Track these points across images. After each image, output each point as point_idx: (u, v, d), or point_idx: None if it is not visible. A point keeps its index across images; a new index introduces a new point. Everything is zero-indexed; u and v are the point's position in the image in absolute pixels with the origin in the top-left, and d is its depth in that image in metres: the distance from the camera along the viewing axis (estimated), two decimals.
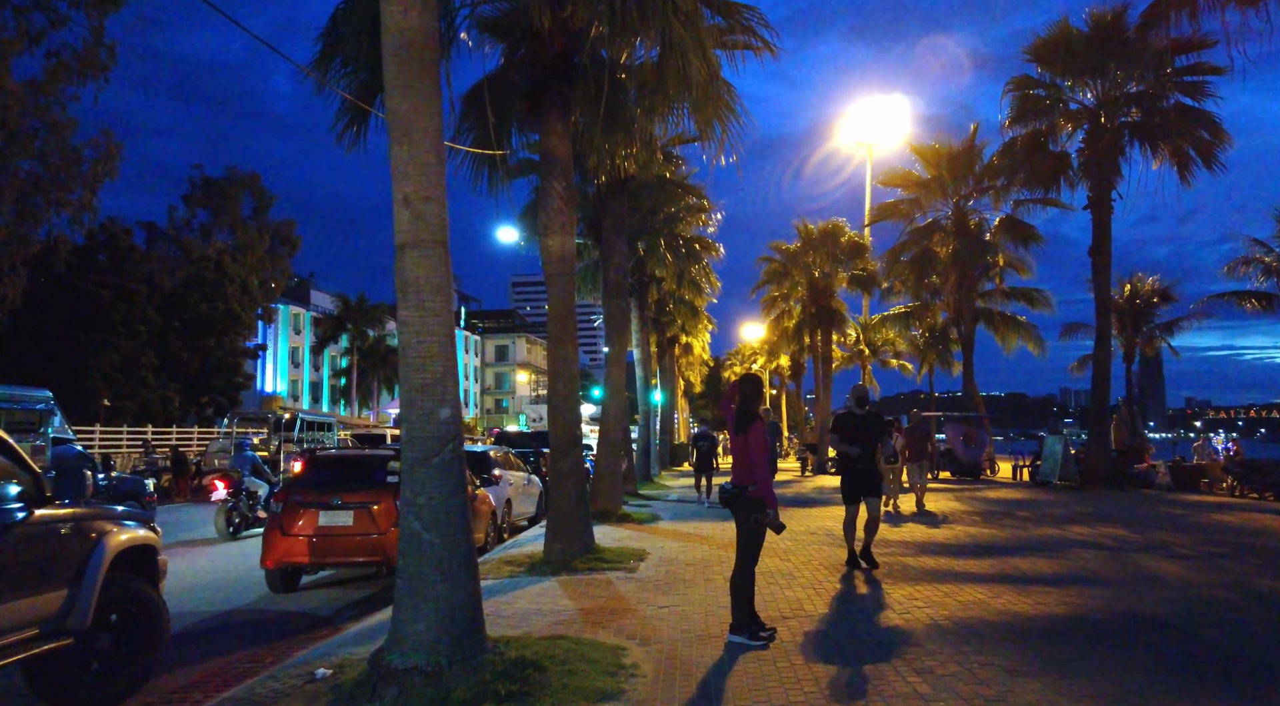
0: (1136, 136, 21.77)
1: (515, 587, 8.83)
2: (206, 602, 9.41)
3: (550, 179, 10.61)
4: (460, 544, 5.18)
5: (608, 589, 8.63)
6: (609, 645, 6.21)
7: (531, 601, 8.05)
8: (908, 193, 31.22)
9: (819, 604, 7.63)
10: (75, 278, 35.36)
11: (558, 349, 10.67)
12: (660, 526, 14.47)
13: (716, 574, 9.34)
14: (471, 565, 5.30)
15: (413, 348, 5.16)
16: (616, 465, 16.55)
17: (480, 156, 12.18)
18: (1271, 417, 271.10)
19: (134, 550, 6.20)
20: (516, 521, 16.25)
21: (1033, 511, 16.01)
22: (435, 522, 5.07)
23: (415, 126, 5.15)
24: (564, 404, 10.55)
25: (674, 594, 8.27)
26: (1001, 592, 7.98)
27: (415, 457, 5.12)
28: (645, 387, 30.78)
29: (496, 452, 16.30)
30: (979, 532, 12.82)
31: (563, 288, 10.61)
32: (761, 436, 6.38)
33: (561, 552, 10.12)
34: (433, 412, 5.15)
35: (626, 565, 9.95)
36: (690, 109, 11.37)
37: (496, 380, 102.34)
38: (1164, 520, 14.67)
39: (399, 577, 5.17)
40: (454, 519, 5.16)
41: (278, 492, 10.26)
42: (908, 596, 7.86)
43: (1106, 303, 23.04)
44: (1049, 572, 9.13)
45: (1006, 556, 10.30)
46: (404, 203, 5.16)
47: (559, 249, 10.51)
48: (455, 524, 5.16)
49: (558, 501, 10.45)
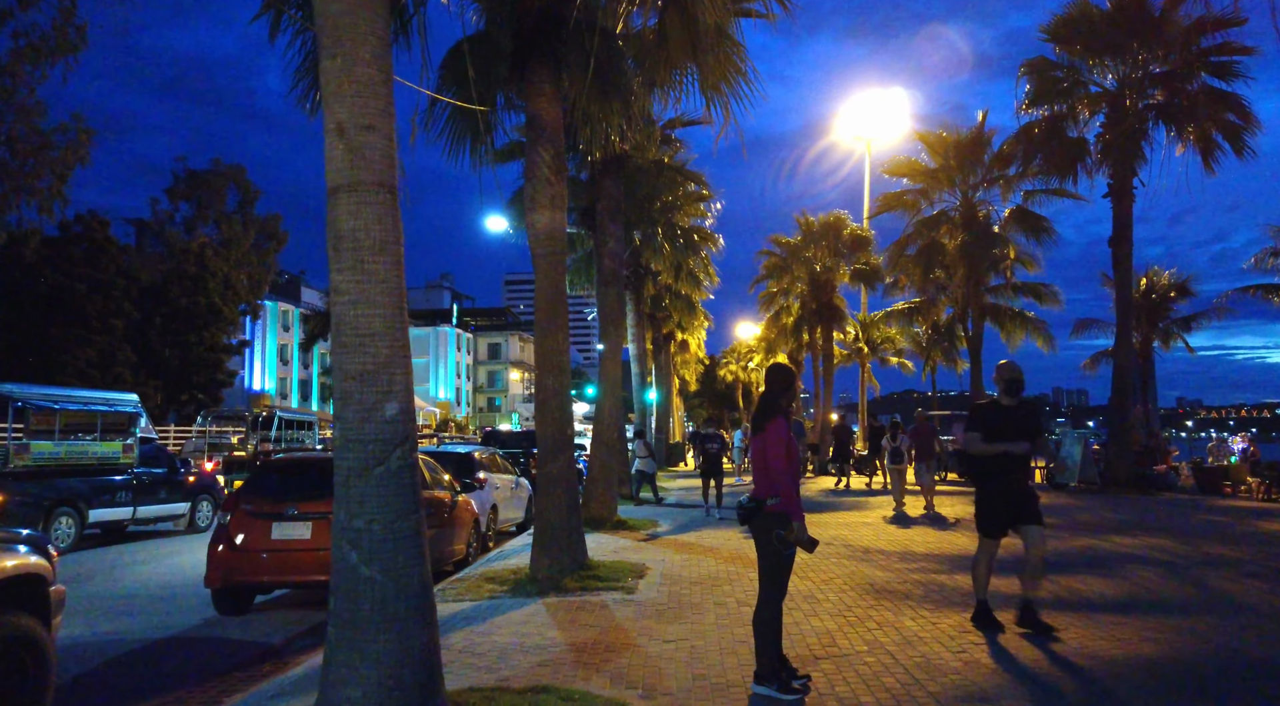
0: (1162, 119, 20.59)
1: (495, 613, 7.60)
2: (141, 625, 8.17)
3: (537, 147, 9.38)
4: (412, 581, 3.95)
5: (603, 615, 7.40)
6: (606, 699, 4.98)
7: (513, 632, 6.83)
8: (913, 182, 29.95)
9: (854, 638, 6.42)
10: (48, 270, 33.99)
11: (546, 338, 9.43)
12: (660, 534, 13.25)
13: (727, 594, 8.13)
14: (426, 608, 4.06)
15: (349, 323, 3.94)
16: (612, 467, 15.30)
17: (460, 126, 10.92)
18: (1263, 417, 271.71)
19: (17, 580, 5.02)
20: (505, 528, 15.06)
21: (1061, 518, 14.82)
22: (378, 553, 3.85)
23: (351, 31, 3.92)
24: (553, 400, 9.32)
25: (681, 622, 7.06)
26: (1069, 623, 6.78)
27: (352, 467, 3.90)
28: (641, 385, 29.61)
29: (481, 454, 15.07)
30: (1009, 543, 11.59)
31: (552, 269, 9.38)
32: (781, 436, 5.09)
33: (550, 569, 8.90)
34: (375, 408, 3.92)
35: (624, 584, 8.74)
36: (696, 71, 10.24)
37: (489, 378, 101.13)
38: (1208, 529, 13.51)
39: (330, 624, 3.95)
40: (404, 548, 3.93)
41: (225, 500, 9.01)
42: (958, 627, 6.66)
43: (1128, 296, 21.86)
44: (1113, 596, 7.93)
45: (1055, 574, 9.09)
46: (337, 132, 3.93)
47: (547, 225, 9.28)
48: (405, 554, 3.93)
49: (546, 511, 9.22)
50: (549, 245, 9.31)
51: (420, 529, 4.06)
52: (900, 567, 9.59)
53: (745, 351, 65.78)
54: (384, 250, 3.93)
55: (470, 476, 13.44)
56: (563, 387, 9.39)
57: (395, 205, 4.04)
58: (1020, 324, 31.53)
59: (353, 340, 3.91)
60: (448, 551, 10.58)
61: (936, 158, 29.10)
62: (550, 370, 9.33)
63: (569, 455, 9.50)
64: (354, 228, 3.91)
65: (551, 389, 9.31)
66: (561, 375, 9.36)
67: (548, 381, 9.34)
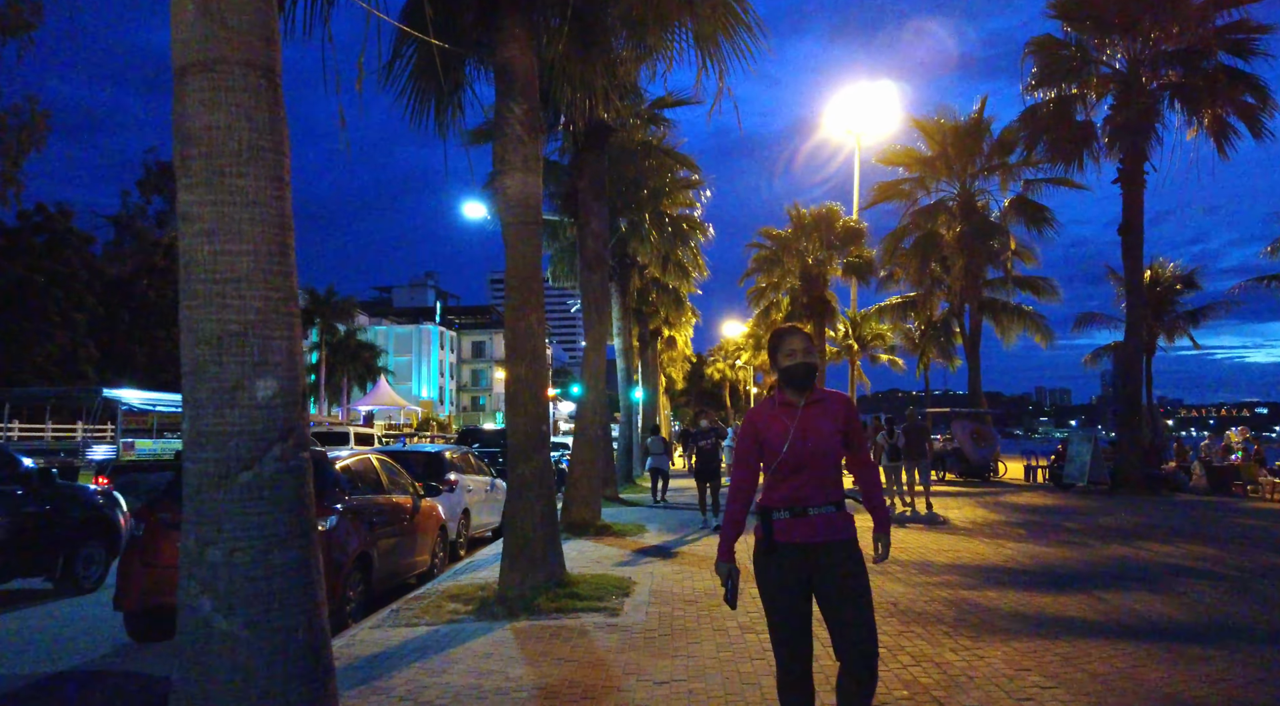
0: (1177, 98, 19.53)
1: (454, 641, 6.39)
2: (34, 657, 6.92)
3: (508, 100, 8.16)
4: (294, 639, 2.73)
5: (581, 645, 6.20)
6: None
7: (471, 668, 5.61)
8: (910, 172, 28.89)
9: (888, 677, 5.22)
10: (5, 261, 32.46)
11: (518, 320, 8.20)
12: (647, 540, 12.07)
13: (727, 617, 6.95)
14: (317, 672, 2.84)
15: (202, 264, 2.74)
16: (595, 467, 14.07)
17: (424, 84, 9.70)
18: (1242, 417, 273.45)
19: None
20: (480, 533, 13.83)
21: (1081, 522, 13.73)
22: (242, 598, 2.64)
23: None
24: (525, 391, 8.09)
25: (674, 654, 5.87)
26: (1141, 657, 5.61)
27: (205, 473, 2.71)
28: (627, 383, 28.40)
29: (453, 454, 13.83)
30: (1038, 550, 10.50)
31: (524, 240, 8.15)
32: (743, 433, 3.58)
33: (521, 586, 7.68)
34: (241, 387, 2.72)
35: (607, 603, 7.53)
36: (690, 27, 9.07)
37: (473, 377, 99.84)
38: (1245, 533, 12.45)
39: (171, 698, 2.72)
40: (283, 590, 2.72)
41: (139, 509, 7.76)
42: (1012, 663, 5.48)
43: (1140, 287, 20.80)
44: (1178, 619, 6.79)
45: (1099, 589, 7.96)
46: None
47: (519, 189, 8.05)
48: (286, 599, 2.72)
49: (517, 519, 8.00)
50: (521, 213, 8.09)
51: (311, 560, 2.85)
52: (921, 582, 8.43)
53: (733, 349, 64.71)
54: (255, 158, 2.73)
55: (439, 478, 12.22)
56: (536, 377, 8.16)
57: (276, 97, 2.84)
58: (1018, 319, 30.53)
59: (206, 288, 2.70)
60: (407, 563, 9.36)
61: (934, 145, 28.05)
62: (522, 357, 8.10)
63: (544, 455, 8.28)
64: (210, 125, 2.70)
65: (523, 379, 8.09)
66: (535, 363, 8.13)
67: (519, 370, 8.11)
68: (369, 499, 8.47)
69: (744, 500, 3.52)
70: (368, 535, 8.09)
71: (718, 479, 13.80)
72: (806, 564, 3.32)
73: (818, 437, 3.31)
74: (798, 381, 3.39)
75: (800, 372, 3.38)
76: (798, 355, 3.37)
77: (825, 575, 3.31)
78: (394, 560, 8.87)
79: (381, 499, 8.80)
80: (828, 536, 3.33)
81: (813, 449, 3.30)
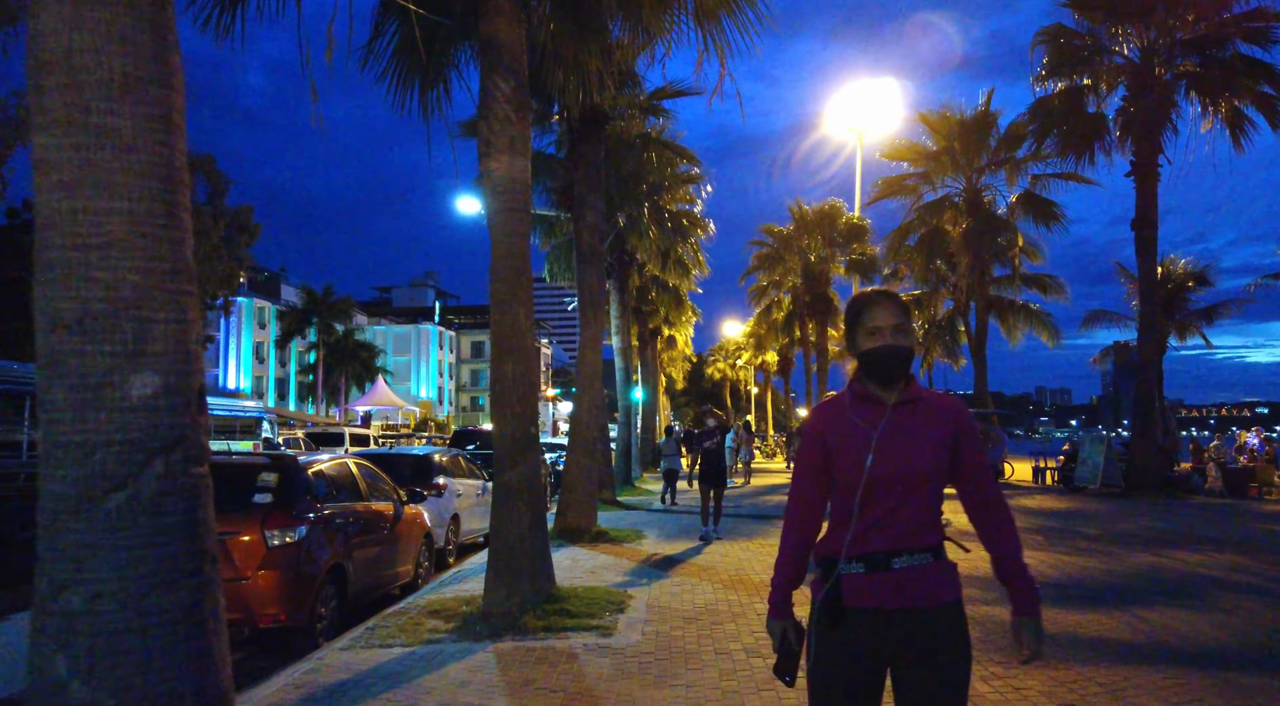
0: (1193, 88, 18.91)
1: (429, 666, 5.79)
2: None
3: (494, 76, 7.55)
4: None
5: (570, 672, 5.60)
6: None
7: (446, 701, 5.01)
8: (915, 167, 28.19)
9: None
10: None
11: (504, 314, 7.59)
12: (645, 548, 11.46)
13: (730, 637, 6.36)
14: None
15: (61, 225, 2.16)
16: (591, 470, 13.44)
17: (407, 64, 9.12)
18: (1243, 416, 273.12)
19: None
20: (471, 539, 13.22)
21: (1100, 527, 13.13)
22: (105, 657, 2.06)
23: None
24: (511, 390, 7.48)
25: (673, 682, 5.27)
26: (1195, 689, 5.01)
27: (62, 495, 2.09)
28: (626, 383, 27.78)
29: (443, 456, 13.20)
30: (1059, 559, 9.89)
31: (511, 227, 7.54)
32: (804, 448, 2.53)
33: (507, 602, 7.09)
34: (110, 383, 2.12)
35: (600, 621, 6.93)
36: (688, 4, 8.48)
37: (473, 377, 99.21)
38: (1274, 540, 11.85)
39: None
40: (167, 646, 2.10)
41: None
42: (1052, 697, 4.89)
43: (1153, 283, 20.16)
44: (1227, 642, 6.18)
45: (1134, 605, 7.36)
46: None
47: (506, 172, 7.45)
48: (169, 658, 2.10)
49: (503, 528, 7.39)
50: (508, 198, 7.49)
51: (206, 604, 2.25)
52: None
53: (734, 348, 64.14)
54: (131, 92, 2.13)
55: (426, 483, 11.62)
56: (524, 376, 7.56)
57: (164, 17, 2.24)
58: (1024, 317, 29.91)
59: (65, 256, 2.10)
60: (388, 574, 8.77)
61: (939, 140, 27.39)
62: (508, 353, 7.50)
63: (534, 458, 7.68)
64: (71, 48, 2.11)
65: (509, 377, 7.48)
66: (523, 360, 7.53)
67: (505, 367, 7.50)
68: (345, 506, 7.88)
69: (801, 537, 2.45)
70: (343, 545, 7.51)
71: (722, 483, 12.64)
72: (886, 638, 2.28)
73: (913, 451, 2.30)
74: (885, 371, 2.34)
75: (888, 358, 2.32)
76: (885, 334, 2.32)
77: (911, 656, 2.27)
78: (373, 571, 8.28)
79: (359, 506, 8.22)
80: (919, 600, 2.28)
81: (905, 468, 2.29)
